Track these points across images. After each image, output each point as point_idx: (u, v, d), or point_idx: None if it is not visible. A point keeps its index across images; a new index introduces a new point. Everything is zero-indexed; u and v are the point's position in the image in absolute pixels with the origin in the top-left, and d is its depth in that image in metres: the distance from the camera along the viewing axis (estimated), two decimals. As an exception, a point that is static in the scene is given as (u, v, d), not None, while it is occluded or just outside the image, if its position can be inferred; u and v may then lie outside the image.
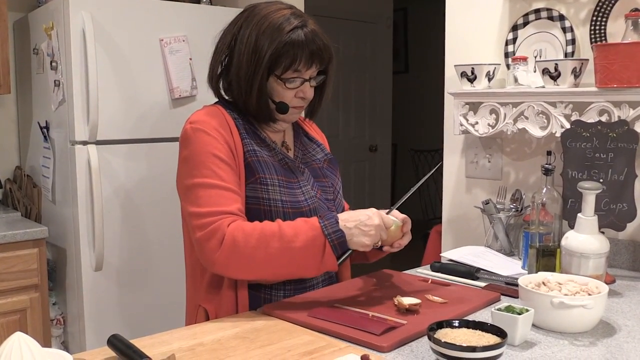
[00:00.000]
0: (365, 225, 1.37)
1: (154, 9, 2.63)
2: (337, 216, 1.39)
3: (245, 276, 1.42)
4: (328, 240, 1.35)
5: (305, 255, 1.35)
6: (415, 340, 1.23)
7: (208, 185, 1.41)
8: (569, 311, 1.25)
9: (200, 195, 1.41)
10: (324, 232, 1.36)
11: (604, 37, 1.85)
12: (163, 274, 2.69)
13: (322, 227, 1.36)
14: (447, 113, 2.29)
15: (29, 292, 2.46)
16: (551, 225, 1.62)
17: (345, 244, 1.37)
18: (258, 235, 1.35)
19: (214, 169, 1.42)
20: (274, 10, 1.49)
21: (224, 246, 1.36)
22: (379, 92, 5.53)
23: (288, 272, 1.40)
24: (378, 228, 1.37)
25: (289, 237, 1.35)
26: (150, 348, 1.17)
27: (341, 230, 1.36)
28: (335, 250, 1.36)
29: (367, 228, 1.36)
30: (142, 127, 2.62)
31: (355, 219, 1.38)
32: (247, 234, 1.36)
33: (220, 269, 1.39)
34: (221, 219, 1.38)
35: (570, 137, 1.69)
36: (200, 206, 1.40)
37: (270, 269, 1.38)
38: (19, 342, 0.93)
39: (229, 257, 1.36)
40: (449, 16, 2.27)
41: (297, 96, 1.52)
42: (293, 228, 1.37)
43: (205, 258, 1.39)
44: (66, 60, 2.48)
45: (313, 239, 1.35)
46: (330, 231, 1.36)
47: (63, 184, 2.62)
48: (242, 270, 1.39)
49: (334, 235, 1.36)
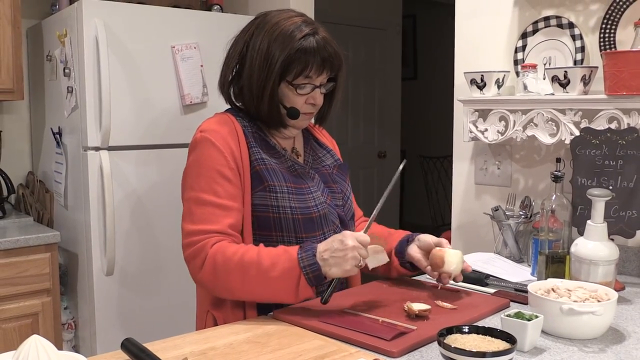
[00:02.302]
0: (339, 251, 1.34)
1: (166, 16, 2.66)
2: (315, 247, 1.37)
3: (227, 297, 1.45)
4: (303, 273, 1.35)
5: (280, 286, 1.36)
6: (425, 346, 1.24)
7: (202, 202, 1.44)
8: (579, 318, 1.26)
9: (193, 211, 1.45)
10: (300, 265, 1.35)
11: (614, 44, 1.86)
12: (174, 278, 2.71)
13: (298, 260, 1.36)
14: (456, 120, 2.29)
15: (41, 297, 2.48)
16: (560, 232, 1.63)
17: (321, 276, 1.35)
18: (237, 260, 1.38)
19: (211, 184, 1.45)
20: (286, 18, 1.51)
21: (205, 267, 1.40)
22: (387, 98, 5.54)
23: (264, 298, 1.41)
24: (353, 250, 1.34)
25: (266, 267, 1.36)
26: (163, 352, 1.18)
27: (317, 263, 1.35)
28: (310, 282, 1.35)
29: (342, 254, 1.34)
30: (153, 133, 2.64)
31: (329, 247, 1.36)
32: (227, 257, 1.38)
33: (205, 288, 1.46)
34: (206, 238, 1.41)
35: (580, 144, 1.70)
36: (190, 222, 1.45)
37: (248, 294, 1.42)
38: (36, 344, 0.95)
39: (209, 278, 1.41)
40: (459, 23, 2.28)
41: (308, 102, 1.54)
42: (271, 258, 1.37)
43: (192, 276, 1.45)
44: (79, 67, 2.51)
45: (289, 270, 1.36)
46: (306, 264, 1.35)
47: (75, 189, 2.65)
48: (223, 292, 1.43)
49: (309, 269, 1.35)
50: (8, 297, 2.39)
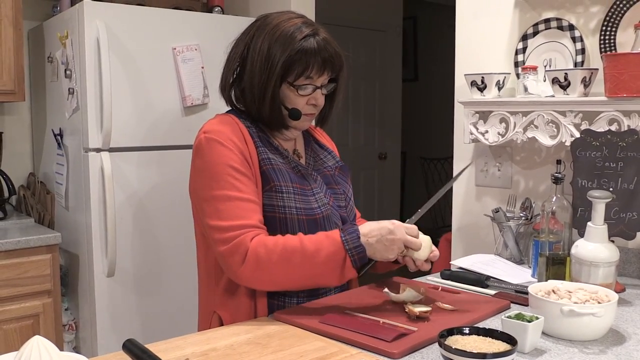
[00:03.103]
0: (387, 240, 1.38)
1: (167, 18, 2.67)
2: (359, 230, 1.40)
3: (269, 288, 1.46)
4: (349, 255, 1.38)
5: (326, 270, 1.39)
6: (426, 347, 1.24)
7: (227, 198, 1.42)
8: (579, 319, 1.26)
9: (221, 209, 1.42)
10: (345, 247, 1.38)
11: (614, 46, 1.86)
12: (175, 280, 2.71)
13: (343, 242, 1.38)
14: (457, 122, 2.30)
15: (42, 298, 2.48)
16: (561, 234, 1.63)
17: (366, 257, 1.39)
18: (280, 250, 1.38)
19: (231, 180, 1.43)
20: (286, 19, 1.51)
21: (247, 261, 1.38)
22: (388, 100, 5.54)
23: (310, 284, 1.44)
24: (400, 242, 1.38)
25: (311, 252, 1.38)
26: (164, 353, 1.18)
27: (362, 245, 1.38)
28: (355, 264, 1.39)
29: (389, 242, 1.38)
30: (154, 134, 2.65)
31: (377, 233, 1.39)
32: (269, 249, 1.38)
33: (245, 282, 1.43)
34: (243, 233, 1.40)
35: (580, 146, 1.70)
36: (221, 219, 1.41)
37: (292, 283, 1.42)
38: (38, 345, 0.95)
39: (252, 272, 1.39)
40: (459, 25, 2.29)
41: (309, 103, 1.54)
42: (315, 243, 1.39)
43: (229, 272, 1.43)
44: (80, 69, 2.51)
45: (334, 254, 1.38)
46: (352, 246, 1.38)
47: (76, 191, 2.65)
48: (266, 284, 1.43)
49: (354, 251, 1.38)
50: (9, 298, 2.39)
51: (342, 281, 1.42)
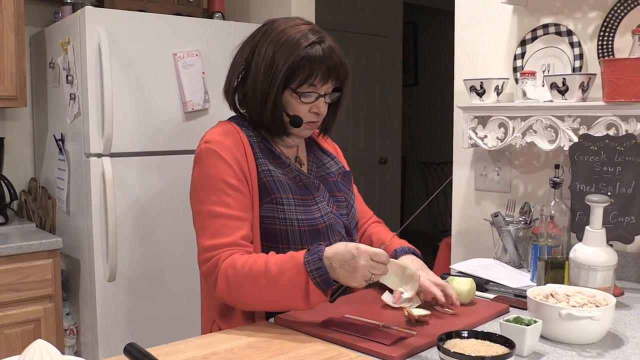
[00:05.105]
0: (349, 265, 1.28)
1: (168, 24, 2.68)
2: (322, 250, 1.32)
3: (243, 308, 1.45)
4: (310, 278, 1.30)
5: (290, 293, 1.33)
6: (425, 351, 1.25)
7: (214, 214, 1.44)
8: (577, 323, 1.27)
9: (206, 225, 1.44)
10: (307, 269, 1.31)
11: (612, 52, 1.87)
12: (176, 285, 2.72)
13: (305, 264, 1.31)
14: (456, 126, 2.31)
15: (43, 302, 2.49)
16: (559, 238, 1.64)
17: (330, 279, 1.30)
18: (247, 272, 1.36)
19: (222, 196, 1.44)
20: (292, 25, 1.51)
21: (219, 283, 1.40)
22: (388, 104, 5.55)
23: (277, 306, 1.38)
24: (364, 268, 1.27)
25: (274, 275, 1.33)
26: (165, 357, 1.19)
27: (323, 267, 1.30)
28: (319, 286, 1.31)
29: (351, 269, 1.28)
30: (155, 140, 2.66)
31: (340, 257, 1.29)
32: (237, 271, 1.37)
33: (223, 301, 1.45)
34: (220, 253, 1.41)
35: (578, 150, 1.71)
36: (204, 237, 1.44)
37: (261, 305, 1.40)
38: (41, 348, 0.96)
39: (224, 292, 1.40)
40: (458, 31, 2.30)
41: (312, 111, 1.53)
42: (278, 265, 1.34)
43: (212, 291, 1.45)
44: (82, 74, 2.53)
45: (297, 276, 1.32)
46: (313, 268, 1.30)
47: (77, 196, 2.66)
48: (239, 305, 1.43)
49: (316, 273, 1.30)
50: (10, 303, 2.40)
51: (311, 305, 1.33)
